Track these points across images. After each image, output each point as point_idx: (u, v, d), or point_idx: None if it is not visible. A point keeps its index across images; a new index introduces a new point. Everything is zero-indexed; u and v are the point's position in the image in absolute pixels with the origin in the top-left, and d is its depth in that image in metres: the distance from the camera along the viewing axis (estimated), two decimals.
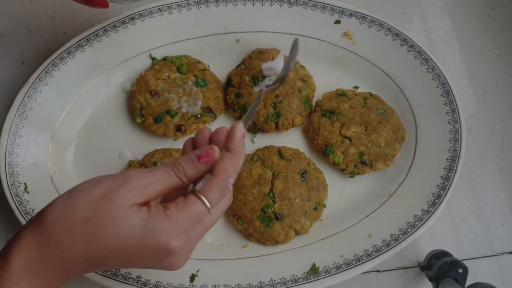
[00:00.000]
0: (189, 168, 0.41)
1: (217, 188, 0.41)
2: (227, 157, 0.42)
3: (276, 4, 0.70)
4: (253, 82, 0.68)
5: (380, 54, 0.70)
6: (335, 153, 0.66)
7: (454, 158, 0.64)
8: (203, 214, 0.40)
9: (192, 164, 0.41)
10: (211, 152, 0.41)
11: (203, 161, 0.41)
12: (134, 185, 0.38)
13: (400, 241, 0.60)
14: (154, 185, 0.39)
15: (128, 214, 0.37)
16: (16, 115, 0.64)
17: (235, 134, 0.42)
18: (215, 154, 0.42)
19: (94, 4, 0.52)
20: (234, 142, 0.42)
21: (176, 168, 0.41)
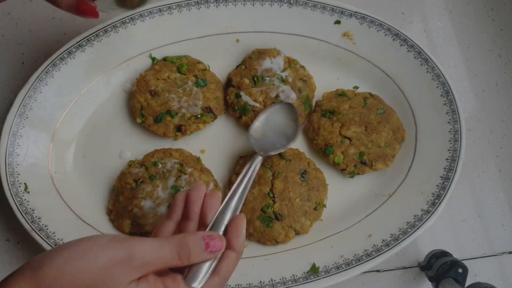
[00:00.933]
0: (195, 254, 0.40)
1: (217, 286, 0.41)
2: (232, 257, 0.42)
3: (276, 4, 0.70)
4: (253, 83, 0.68)
5: (380, 54, 0.70)
6: (335, 153, 0.66)
7: (454, 158, 0.64)
8: None
9: (199, 251, 0.40)
10: (219, 244, 0.41)
11: (210, 251, 0.41)
12: (137, 264, 0.37)
13: (400, 241, 0.60)
14: (156, 263, 0.39)
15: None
16: (16, 115, 0.64)
17: (242, 233, 0.43)
18: (223, 247, 0.42)
19: (84, 14, 0.51)
20: (240, 242, 0.43)
21: (182, 250, 0.40)
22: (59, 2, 0.49)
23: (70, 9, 0.50)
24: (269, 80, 0.68)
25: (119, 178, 0.65)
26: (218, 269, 0.42)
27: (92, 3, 0.51)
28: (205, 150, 0.69)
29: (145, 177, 0.63)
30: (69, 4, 0.49)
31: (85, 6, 0.50)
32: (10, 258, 0.65)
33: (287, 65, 0.69)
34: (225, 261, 0.42)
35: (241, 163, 0.65)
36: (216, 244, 0.41)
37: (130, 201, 0.62)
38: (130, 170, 0.64)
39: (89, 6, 0.51)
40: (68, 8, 0.50)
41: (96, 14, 0.52)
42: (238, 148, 0.68)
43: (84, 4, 0.50)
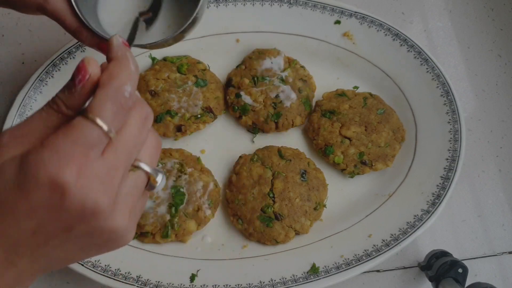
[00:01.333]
0: (66, 97, 0.32)
1: (109, 100, 0.31)
2: (111, 65, 0.33)
3: (276, 4, 0.70)
4: (253, 83, 0.68)
5: (380, 54, 0.70)
6: (335, 153, 0.66)
7: (454, 158, 0.64)
8: (96, 137, 0.30)
9: (69, 91, 0.32)
10: (81, 65, 0.32)
11: (78, 81, 0.32)
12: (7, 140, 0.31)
13: (400, 241, 0.60)
14: (33, 132, 0.32)
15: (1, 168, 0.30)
16: (17, 115, 0.64)
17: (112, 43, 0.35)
18: (88, 67, 0.32)
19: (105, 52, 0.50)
20: (113, 49, 0.34)
21: (53, 103, 0.33)
22: (81, 40, 0.50)
23: (93, 47, 0.50)
24: (269, 80, 0.68)
25: None
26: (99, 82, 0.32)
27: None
28: (205, 150, 0.69)
29: None
30: (92, 43, 0.50)
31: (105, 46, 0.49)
32: None
33: (287, 65, 0.69)
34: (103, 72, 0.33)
35: (241, 163, 0.65)
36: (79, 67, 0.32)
37: None
38: None
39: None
40: (91, 46, 0.50)
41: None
42: (238, 148, 0.68)
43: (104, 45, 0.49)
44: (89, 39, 0.49)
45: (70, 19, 0.47)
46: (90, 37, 0.49)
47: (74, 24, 0.48)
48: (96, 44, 0.50)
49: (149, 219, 0.61)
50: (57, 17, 0.47)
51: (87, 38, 0.49)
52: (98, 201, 0.30)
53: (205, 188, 0.63)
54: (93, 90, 0.32)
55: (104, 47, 0.49)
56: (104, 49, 0.49)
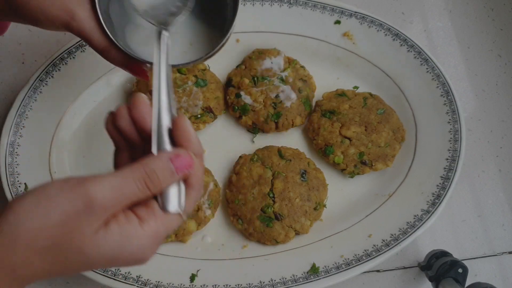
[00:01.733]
0: (165, 179, 0.35)
1: (194, 200, 0.38)
2: (197, 163, 0.37)
3: (276, 4, 0.70)
4: (253, 83, 0.68)
5: (380, 54, 0.70)
6: (335, 153, 0.66)
7: (454, 158, 0.64)
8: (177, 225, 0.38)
9: (170, 176, 0.36)
10: (188, 161, 0.36)
11: (182, 172, 0.36)
12: (98, 209, 0.33)
13: (400, 241, 0.60)
14: (122, 202, 0.34)
15: (96, 241, 0.33)
16: (17, 115, 0.64)
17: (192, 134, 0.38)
18: (193, 162, 0.37)
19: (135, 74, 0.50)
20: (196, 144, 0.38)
21: (150, 179, 0.35)
22: (109, 59, 0.48)
23: (122, 66, 0.49)
24: (269, 80, 0.68)
25: None
26: (189, 182, 0.37)
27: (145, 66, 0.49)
28: (205, 150, 0.69)
29: None
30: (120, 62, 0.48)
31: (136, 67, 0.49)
32: None
33: (287, 65, 0.69)
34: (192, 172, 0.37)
35: (241, 163, 0.65)
36: (185, 162, 0.36)
37: None
38: None
39: (139, 69, 0.49)
40: (119, 65, 0.49)
41: (146, 77, 0.50)
42: (238, 148, 0.68)
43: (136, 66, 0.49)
44: (117, 59, 0.47)
45: (98, 38, 0.45)
46: (118, 57, 0.47)
47: (102, 43, 0.46)
48: (125, 65, 0.48)
49: None
50: (84, 35, 0.45)
51: (116, 57, 0.47)
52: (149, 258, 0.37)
53: (205, 188, 0.63)
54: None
55: (133, 68, 0.48)
56: (133, 70, 0.48)
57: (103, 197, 0.33)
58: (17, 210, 0.32)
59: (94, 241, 0.33)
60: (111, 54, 0.47)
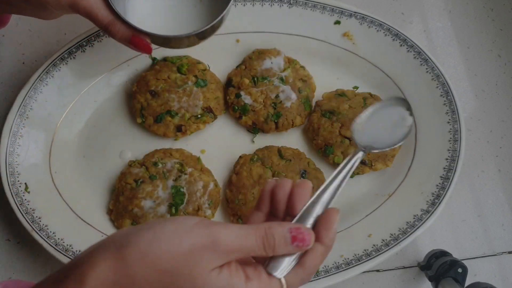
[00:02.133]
0: (280, 246, 0.38)
1: (301, 280, 0.39)
2: (319, 251, 0.40)
3: (276, 4, 0.70)
4: (253, 83, 0.68)
5: (380, 55, 0.70)
6: (335, 153, 0.66)
7: (453, 158, 0.64)
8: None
9: (285, 244, 0.38)
10: (308, 239, 0.39)
11: (296, 245, 0.38)
12: (222, 250, 0.36)
13: (399, 240, 0.60)
14: (240, 252, 0.38)
15: (209, 277, 0.36)
16: (17, 115, 0.64)
17: (334, 227, 0.40)
18: (311, 242, 0.39)
19: (138, 47, 0.52)
20: (330, 236, 0.40)
21: (267, 240, 0.38)
22: (114, 33, 0.50)
23: (124, 41, 0.51)
24: (269, 80, 0.68)
25: (119, 178, 0.65)
26: (303, 261, 0.39)
27: (147, 39, 0.52)
28: (205, 150, 0.69)
29: (145, 177, 0.63)
30: (124, 36, 0.50)
31: (139, 40, 0.51)
32: (10, 258, 0.65)
33: (287, 65, 0.70)
34: (310, 254, 0.39)
35: (241, 163, 0.65)
36: (303, 238, 0.39)
37: (130, 201, 0.62)
38: (130, 170, 0.64)
39: (143, 41, 0.52)
40: (122, 40, 0.51)
41: (149, 49, 0.53)
42: (238, 148, 0.68)
43: (138, 38, 0.51)
44: (121, 32, 0.49)
45: (103, 13, 0.48)
46: (122, 31, 0.49)
47: (107, 17, 0.48)
48: (128, 39, 0.50)
49: (150, 219, 0.61)
50: (90, 12, 0.47)
51: (120, 31, 0.49)
52: None
53: (205, 188, 0.63)
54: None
55: (136, 41, 0.50)
56: (136, 43, 0.50)
57: (228, 240, 0.37)
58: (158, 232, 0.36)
59: (207, 277, 0.36)
60: (115, 28, 0.49)
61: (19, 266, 0.65)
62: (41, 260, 0.65)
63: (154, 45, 0.55)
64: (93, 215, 0.64)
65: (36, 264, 0.65)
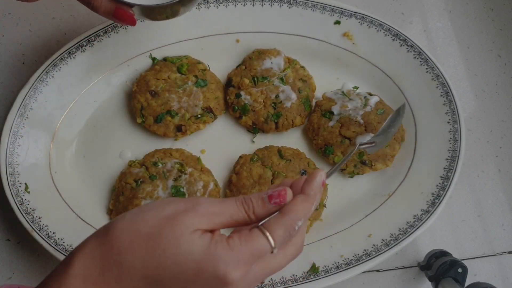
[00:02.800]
0: (258, 207, 0.39)
1: (283, 227, 0.39)
2: (299, 199, 0.40)
3: (276, 4, 0.70)
4: (253, 83, 0.68)
5: (380, 55, 0.70)
6: (335, 153, 0.66)
7: (453, 158, 0.64)
8: (265, 250, 0.38)
9: (262, 203, 0.40)
10: (283, 194, 0.40)
11: (274, 202, 0.39)
12: (202, 211, 0.38)
13: (399, 241, 0.60)
14: (222, 215, 0.39)
15: (192, 237, 0.37)
16: (17, 115, 0.64)
17: (315, 179, 0.41)
18: (287, 196, 0.40)
19: (121, 20, 0.51)
20: (310, 186, 0.41)
21: (246, 203, 0.40)
22: (97, 7, 0.49)
23: (108, 14, 0.50)
24: (269, 80, 0.68)
25: (119, 178, 0.65)
26: (283, 210, 0.40)
27: (130, 10, 0.52)
28: (205, 150, 0.69)
29: (145, 177, 0.63)
30: (107, 9, 0.49)
31: (123, 12, 0.51)
32: (10, 258, 0.65)
33: (287, 65, 0.70)
34: (291, 202, 0.40)
35: (241, 163, 0.65)
36: (279, 193, 0.40)
37: (130, 201, 0.62)
38: (131, 170, 0.64)
39: (126, 13, 0.51)
40: (106, 14, 0.50)
41: (133, 21, 0.53)
42: (238, 148, 0.68)
43: (122, 10, 0.51)
44: (104, 6, 0.48)
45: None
46: (105, 3, 0.48)
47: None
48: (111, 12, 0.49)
49: None
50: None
51: (102, 4, 0.48)
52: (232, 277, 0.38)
53: (205, 188, 0.63)
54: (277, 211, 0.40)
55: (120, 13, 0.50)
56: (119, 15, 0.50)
57: (208, 204, 0.39)
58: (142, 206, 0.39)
59: (190, 237, 0.37)
60: (98, 1, 0.48)
61: (19, 266, 0.65)
62: (41, 260, 0.65)
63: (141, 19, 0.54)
64: (93, 215, 0.64)
65: (36, 264, 0.65)
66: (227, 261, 0.37)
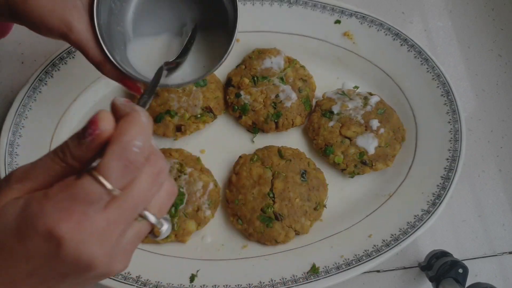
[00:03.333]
0: (75, 148, 0.32)
1: (116, 157, 0.30)
2: (120, 122, 0.32)
3: (276, 4, 0.70)
4: (253, 82, 0.68)
5: (380, 54, 0.70)
6: (335, 153, 0.66)
7: (454, 158, 0.64)
8: (96, 192, 0.30)
9: (78, 141, 0.32)
10: (94, 119, 0.31)
11: (88, 133, 0.31)
12: (12, 181, 0.33)
13: (400, 241, 0.60)
14: (35, 175, 0.33)
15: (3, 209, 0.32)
16: (16, 115, 0.64)
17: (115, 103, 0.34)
18: (100, 123, 0.31)
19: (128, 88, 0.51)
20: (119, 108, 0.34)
21: (61, 151, 0.33)
22: (104, 73, 0.48)
23: (115, 80, 0.50)
24: (269, 80, 0.68)
25: None
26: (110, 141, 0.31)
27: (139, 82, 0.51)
28: (205, 150, 0.69)
29: None
30: (114, 77, 0.49)
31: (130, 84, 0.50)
32: None
33: (287, 64, 0.69)
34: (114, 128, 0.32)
35: (241, 163, 0.65)
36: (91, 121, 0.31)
37: None
38: None
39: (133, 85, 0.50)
40: (113, 79, 0.49)
41: (139, 91, 0.51)
42: (238, 148, 0.68)
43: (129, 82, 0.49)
44: (111, 73, 0.48)
45: (93, 52, 0.46)
46: (113, 71, 0.48)
47: (97, 57, 0.46)
48: (120, 79, 0.49)
49: None
50: (80, 47, 0.46)
51: (110, 72, 0.48)
52: (93, 255, 0.31)
53: (205, 188, 0.63)
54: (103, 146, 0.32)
55: (127, 83, 0.49)
56: (127, 85, 0.49)
57: (19, 170, 0.34)
58: None
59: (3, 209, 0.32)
60: (105, 68, 0.48)
61: None
62: None
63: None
64: None
65: None
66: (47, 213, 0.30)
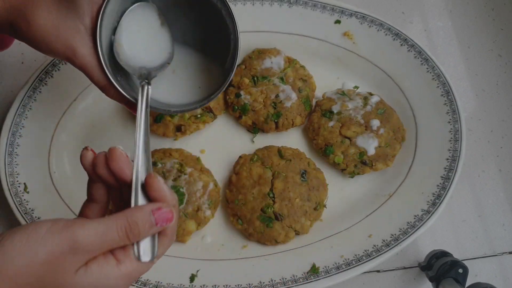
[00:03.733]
0: (145, 231, 0.38)
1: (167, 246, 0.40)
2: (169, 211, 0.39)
3: (276, 4, 0.70)
4: (253, 82, 0.68)
5: (380, 54, 0.70)
6: (335, 153, 0.66)
7: (454, 158, 0.64)
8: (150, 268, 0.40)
9: (150, 227, 0.38)
10: (171, 216, 0.39)
11: (161, 225, 0.38)
12: (82, 251, 0.36)
13: (400, 241, 0.60)
14: (103, 247, 0.37)
15: (75, 280, 0.36)
16: (16, 115, 0.64)
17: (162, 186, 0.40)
18: (174, 217, 0.39)
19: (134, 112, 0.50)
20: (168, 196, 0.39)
21: (131, 230, 0.37)
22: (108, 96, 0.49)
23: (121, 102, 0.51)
24: (269, 79, 0.68)
25: None
26: (165, 232, 0.39)
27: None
28: (205, 150, 0.69)
29: None
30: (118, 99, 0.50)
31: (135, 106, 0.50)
32: None
33: (287, 64, 0.69)
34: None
35: (241, 163, 0.65)
36: (165, 216, 0.38)
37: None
38: None
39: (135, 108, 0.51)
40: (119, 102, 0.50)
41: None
42: (238, 148, 0.68)
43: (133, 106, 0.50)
44: (116, 97, 0.49)
45: (98, 76, 0.47)
46: (117, 95, 0.49)
47: (102, 81, 0.47)
48: (124, 102, 0.50)
49: None
50: (85, 72, 0.47)
51: (114, 95, 0.49)
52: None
53: (205, 188, 0.63)
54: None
55: (132, 106, 0.50)
56: (132, 108, 0.50)
57: (87, 241, 0.36)
58: (7, 247, 0.35)
59: (75, 278, 0.36)
60: (110, 92, 0.49)
61: None
62: None
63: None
64: None
65: None
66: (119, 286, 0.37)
